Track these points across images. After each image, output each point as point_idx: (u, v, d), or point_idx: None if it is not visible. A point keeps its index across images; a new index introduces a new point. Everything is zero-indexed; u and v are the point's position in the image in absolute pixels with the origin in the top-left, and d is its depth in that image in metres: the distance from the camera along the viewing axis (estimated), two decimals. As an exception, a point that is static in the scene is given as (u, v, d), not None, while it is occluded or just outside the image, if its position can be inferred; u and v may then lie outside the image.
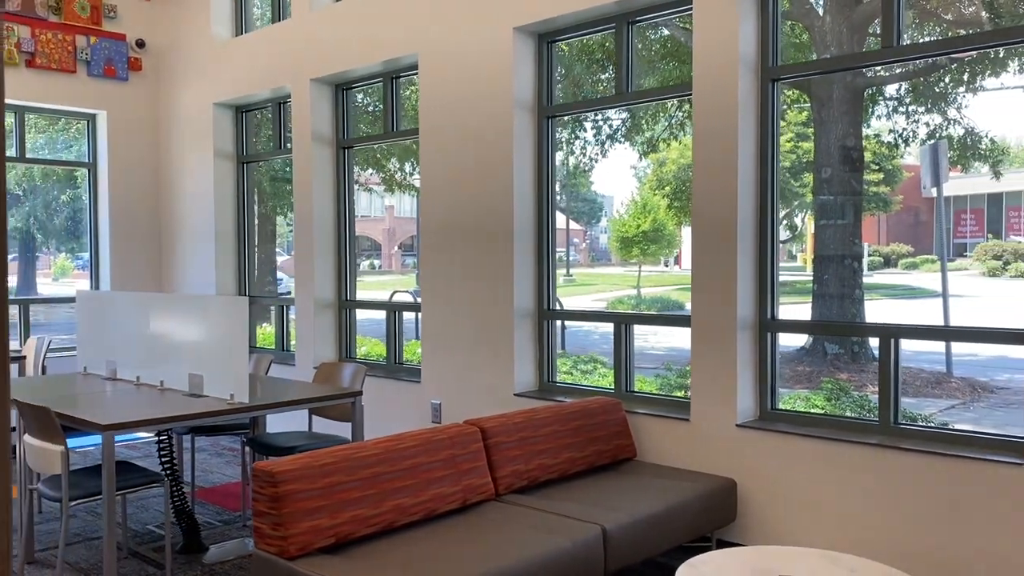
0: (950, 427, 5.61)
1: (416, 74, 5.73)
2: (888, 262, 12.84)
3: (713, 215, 4.22)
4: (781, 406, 4.41)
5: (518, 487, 3.93)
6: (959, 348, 7.92)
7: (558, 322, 5.49)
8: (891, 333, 3.89)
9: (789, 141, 10.79)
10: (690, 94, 4.30)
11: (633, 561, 3.60)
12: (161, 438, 4.45)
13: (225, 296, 6.96)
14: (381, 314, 6.35)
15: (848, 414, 6.02)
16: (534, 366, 5.20)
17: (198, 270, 7.56)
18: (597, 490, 3.96)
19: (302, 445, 4.53)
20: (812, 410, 6.17)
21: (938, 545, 3.57)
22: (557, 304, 5.27)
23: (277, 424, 5.73)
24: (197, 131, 7.50)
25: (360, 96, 7.94)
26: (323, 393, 4.51)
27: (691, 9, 4.25)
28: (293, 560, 3.07)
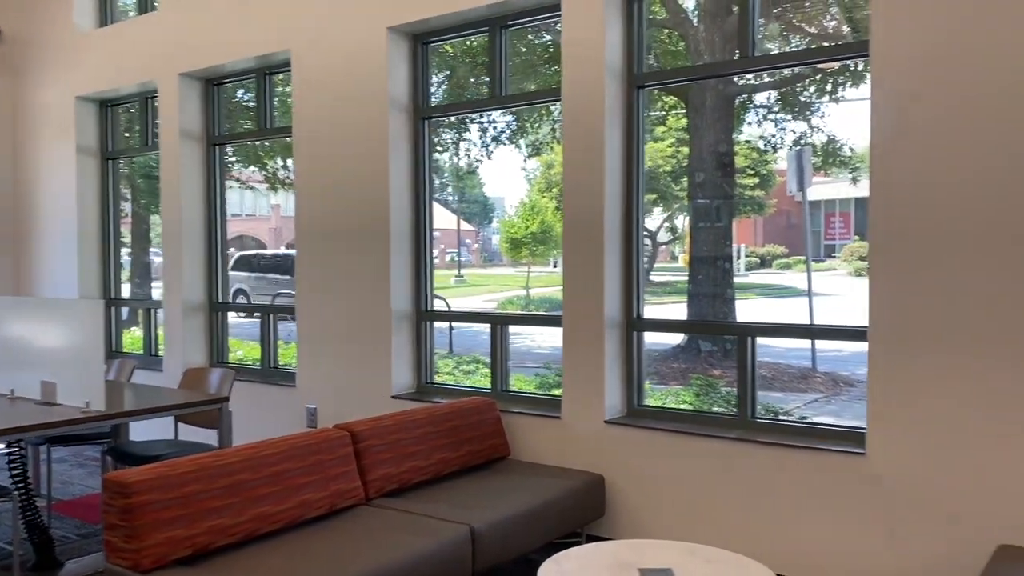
0: (805, 420, 5.90)
1: (290, 70, 5.61)
2: (764, 262, 13.40)
3: (582, 217, 4.31)
4: (649, 402, 4.55)
5: (389, 490, 3.90)
6: (825, 344, 8.35)
7: (442, 323, 5.49)
8: (748, 331, 4.07)
9: (670, 146, 11.11)
10: (560, 99, 4.37)
11: (503, 559, 3.63)
12: (11, 449, 4.20)
13: (79, 299, 6.63)
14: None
15: (716, 409, 6.25)
16: (412, 368, 5.18)
17: (60, 272, 7.17)
18: (469, 490, 3.98)
19: (165, 453, 4.36)
20: (682, 406, 6.38)
21: (790, 532, 3.75)
22: (444, 303, 5.27)
23: (142, 432, 5.50)
24: (58, 126, 7.12)
25: (241, 92, 7.72)
26: (189, 399, 4.36)
27: (560, 16, 4.32)
28: (147, 573, 2.96)
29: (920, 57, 3.35)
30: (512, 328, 5.14)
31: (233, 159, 12.67)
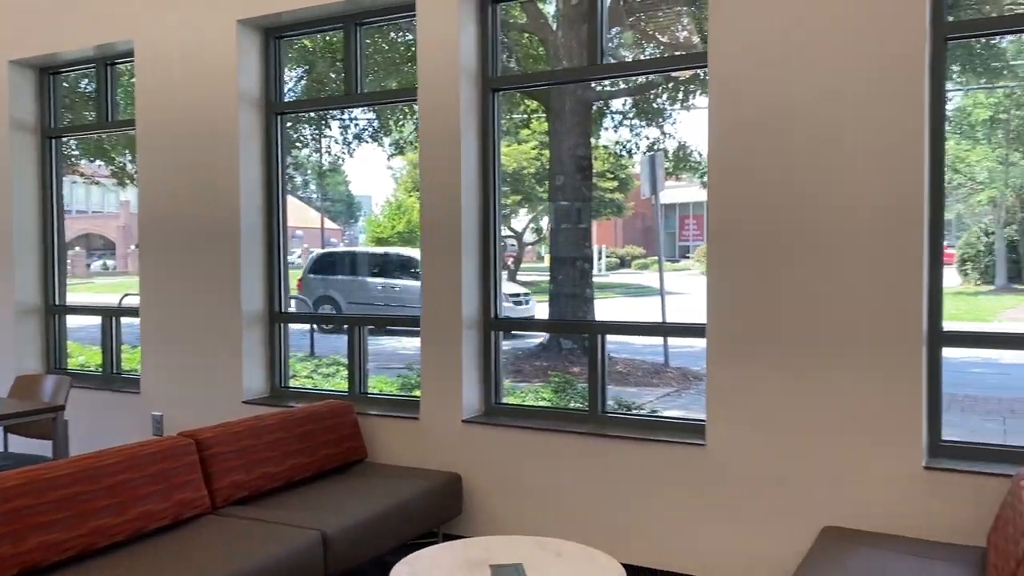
0: (655, 414, 6.18)
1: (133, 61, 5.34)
2: (623, 263, 13.84)
3: (439, 218, 4.32)
4: (508, 400, 4.61)
5: (239, 498, 3.79)
6: (680, 341, 8.71)
7: (303, 325, 5.36)
8: (597, 329, 4.20)
9: (534, 148, 11.29)
10: (415, 99, 4.37)
11: (357, 562, 3.59)
12: None
13: None
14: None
15: (573, 405, 6.42)
16: (265, 371, 5.04)
17: None
18: (323, 495, 3.92)
19: (-9, 468, 4.07)
20: (541, 403, 6.52)
21: (637, 523, 3.90)
22: (306, 304, 5.13)
23: (-32, 446, 5.10)
24: None
25: (86, 81, 7.28)
26: (19, 409, 4.08)
27: (415, 16, 4.32)
28: (-36, 598, 2.76)
29: (753, 66, 3.56)
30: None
31: (76, 152, 11.90)
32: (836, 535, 3.32)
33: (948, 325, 3.48)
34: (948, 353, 3.50)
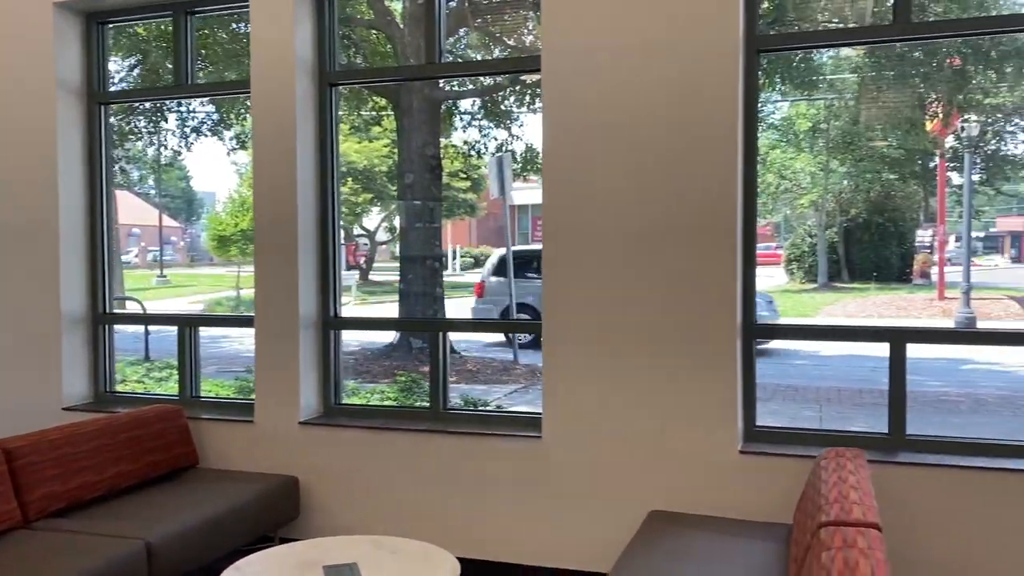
0: (500, 409, 6.29)
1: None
2: (478, 262, 13.97)
3: (274, 215, 4.21)
4: (352, 400, 4.55)
5: (54, 510, 3.56)
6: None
7: (136, 327, 5.08)
8: (438, 327, 4.23)
9: (386, 146, 11.21)
10: (248, 92, 4.25)
11: (185, 570, 3.46)
12: None
13: None
14: None
15: (420, 404, 6.42)
16: (88, 376, 4.75)
17: None
18: (148, 502, 3.74)
19: None
20: (386, 402, 6.49)
21: (476, 516, 3.95)
22: (139, 305, 4.86)
23: None
24: None
25: None
26: None
27: (248, 7, 4.20)
28: None
29: (581, 73, 3.68)
30: (220, 331, 4.90)
31: None
32: (661, 519, 3.49)
33: (763, 319, 3.74)
34: (774, 346, 3.75)
